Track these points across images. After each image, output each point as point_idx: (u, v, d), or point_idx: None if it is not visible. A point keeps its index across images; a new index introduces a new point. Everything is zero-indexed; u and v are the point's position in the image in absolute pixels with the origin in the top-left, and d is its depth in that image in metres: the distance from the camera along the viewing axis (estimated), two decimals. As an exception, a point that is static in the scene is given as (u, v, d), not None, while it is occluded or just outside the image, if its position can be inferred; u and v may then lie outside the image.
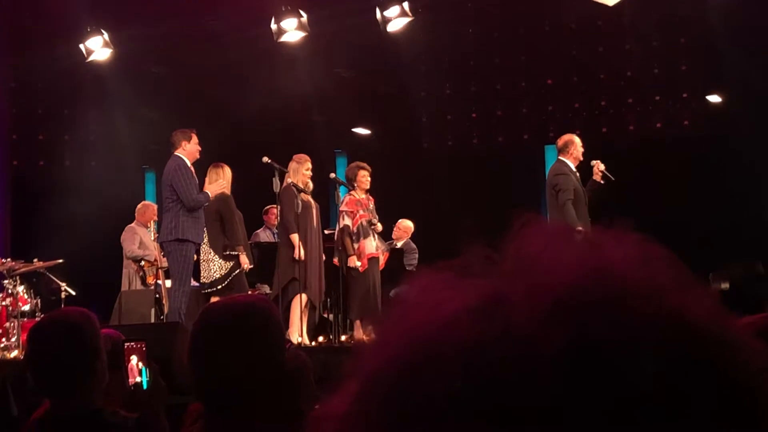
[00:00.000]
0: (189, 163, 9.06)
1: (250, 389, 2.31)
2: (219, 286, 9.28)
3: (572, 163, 9.46)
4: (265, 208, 11.89)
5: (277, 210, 9.86)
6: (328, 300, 10.25)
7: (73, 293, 10.30)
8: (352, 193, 9.96)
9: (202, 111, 13.15)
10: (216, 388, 2.34)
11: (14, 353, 8.88)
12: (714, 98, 13.88)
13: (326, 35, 12.43)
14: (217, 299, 7.87)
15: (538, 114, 14.49)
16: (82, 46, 12.12)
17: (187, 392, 2.51)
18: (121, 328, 5.92)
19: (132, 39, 12.35)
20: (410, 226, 12.65)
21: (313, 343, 9.45)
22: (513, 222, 0.74)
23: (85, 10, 11.90)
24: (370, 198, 10.08)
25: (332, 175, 10.43)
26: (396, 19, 11.90)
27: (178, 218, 8.87)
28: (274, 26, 11.86)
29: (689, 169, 13.12)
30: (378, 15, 11.86)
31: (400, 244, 12.28)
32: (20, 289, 9.57)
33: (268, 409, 2.32)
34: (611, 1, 11.45)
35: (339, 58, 13.59)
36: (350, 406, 0.68)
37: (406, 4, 11.78)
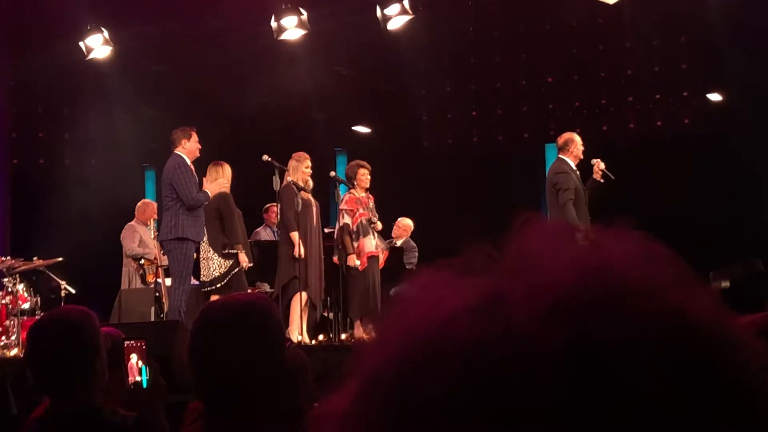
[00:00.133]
0: (189, 162, 9.06)
1: (250, 388, 2.31)
2: (218, 285, 9.28)
3: (572, 162, 9.46)
4: (266, 206, 11.89)
5: (277, 208, 9.86)
6: (328, 298, 10.25)
7: (73, 291, 10.30)
8: (352, 191, 9.96)
9: (202, 109, 13.15)
10: (216, 386, 2.34)
11: (14, 351, 8.88)
12: (714, 96, 13.88)
13: (326, 33, 12.42)
14: (217, 298, 7.88)
15: (539, 112, 14.48)
16: (81, 44, 12.11)
17: (187, 391, 2.50)
18: (121, 327, 5.91)
19: (132, 37, 12.34)
20: (410, 225, 12.65)
21: (313, 342, 9.45)
22: (513, 221, 0.74)
23: (84, 8, 11.90)
24: (370, 196, 10.08)
25: (332, 174, 10.43)
26: (396, 17, 11.89)
27: (178, 217, 8.87)
28: (274, 24, 11.86)
29: (689, 168, 13.12)
30: (378, 13, 11.86)
31: (400, 243, 12.28)
32: (20, 287, 9.57)
33: (267, 408, 2.32)
34: (612, -1, 11.45)
35: (339, 56, 13.58)
36: (350, 406, 0.68)
37: (406, 2, 11.78)
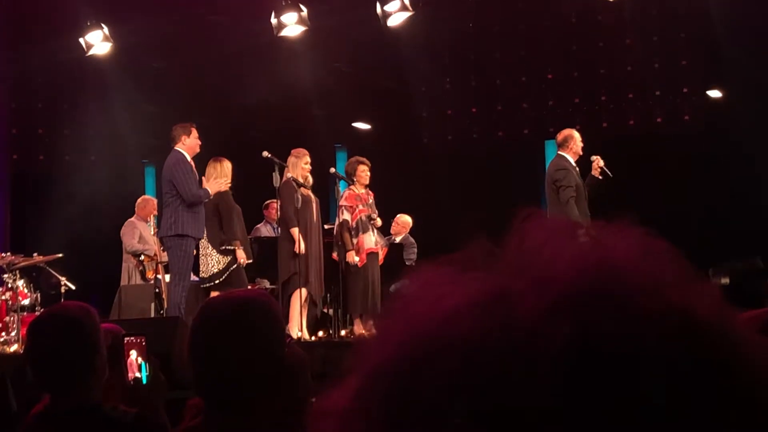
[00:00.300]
0: (189, 158, 9.05)
1: (250, 384, 2.31)
2: (217, 281, 9.28)
3: (572, 158, 9.46)
4: (266, 202, 11.89)
5: (277, 204, 9.86)
6: (328, 295, 10.26)
7: (73, 287, 10.30)
8: (352, 187, 9.96)
9: (202, 105, 13.15)
10: (216, 382, 2.34)
11: (14, 347, 8.88)
12: (714, 93, 13.88)
13: (326, 30, 12.42)
14: (217, 294, 7.88)
15: (539, 109, 14.48)
16: (81, 41, 12.09)
17: (187, 387, 2.50)
18: (121, 323, 5.91)
19: (132, 33, 12.33)
20: (408, 221, 12.64)
21: (313, 338, 9.45)
22: (514, 217, 0.74)
23: (84, 4, 11.89)
24: (370, 193, 10.08)
25: (332, 170, 10.43)
26: (396, 13, 11.89)
27: (178, 213, 8.86)
28: (274, 20, 11.84)
29: (689, 164, 13.11)
30: (378, 9, 11.85)
31: (399, 239, 12.28)
32: (20, 283, 9.57)
33: (267, 404, 2.32)
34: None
35: (339, 52, 13.58)
36: (350, 402, 0.68)
37: (406, -1, 11.78)
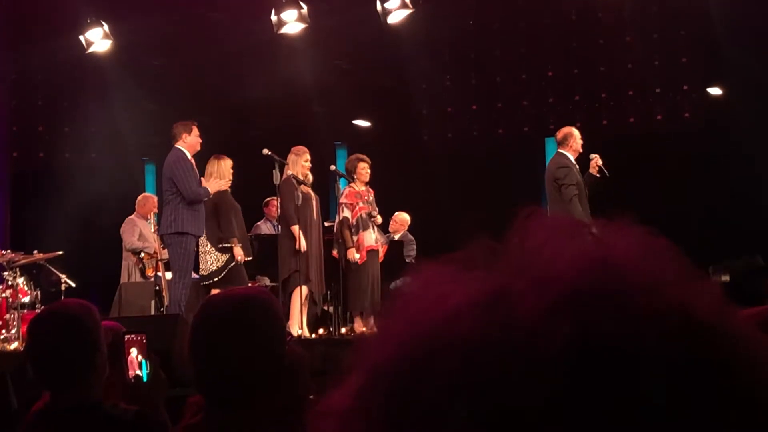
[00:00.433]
0: (189, 156, 9.05)
1: (250, 382, 2.31)
2: (215, 279, 9.29)
3: (572, 156, 9.46)
4: (266, 200, 11.89)
5: (277, 202, 9.86)
6: (328, 292, 10.26)
7: (73, 285, 10.31)
8: (352, 185, 9.96)
9: (202, 103, 13.15)
10: (216, 380, 2.34)
11: (14, 345, 8.88)
12: (715, 90, 13.88)
13: (326, 27, 12.42)
14: (218, 291, 7.88)
15: (539, 106, 14.48)
16: (81, 38, 12.10)
17: (188, 384, 2.51)
18: (121, 320, 5.92)
19: (132, 31, 12.33)
20: (407, 219, 12.65)
21: (313, 336, 9.45)
22: (515, 215, 0.74)
23: (84, 2, 11.89)
24: (370, 190, 10.08)
25: (332, 168, 10.43)
26: (396, 10, 11.88)
27: (178, 211, 8.86)
28: (274, 18, 11.85)
29: (689, 162, 13.12)
30: (378, 7, 11.85)
31: (398, 237, 12.28)
32: (20, 280, 9.57)
33: (267, 402, 2.32)
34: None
35: (339, 50, 13.57)
36: (351, 402, 0.68)
37: (406, -4, 11.78)
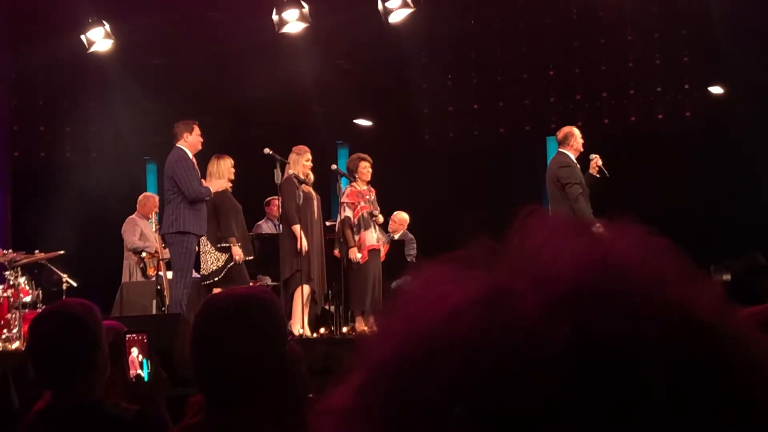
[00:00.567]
0: (191, 155, 9.06)
1: (251, 381, 2.31)
2: (215, 278, 9.29)
3: (573, 155, 9.46)
4: (267, 199, 11.89)
5: (278, 201, 9.86)
6: (330, 292, 10.26)
7: (75, 284, 10.31)
8: (354, 184, 9.95)
9: (204, 102, 13.15)
10: (217, 379, 2.34)
11: (15, 345, 8.89)
12: (716, 89, 13.87)
13: (327, 26, 12.41)
14: (220, 291, 7.87)
15: (540, 105, 14.47)
16: (83, 37, 12.09)
17: (189, 384, 2.51)
18: (123, 320, 5.92)
19: (133, 30, 12.33)
20: (406, 218, 12.64)
21: (315, 335, 9.46)
22: (515, 215, 0.74)
23: (86, 1, 11.89)
24: (372, 189, 10.08)
25: (333, 167, 10.42)
26: (397, 10, 11.87)
27: (180, 210, 8.87)
28: (275, 17, 11.84)
29: (690, 160, 13.12)
30: (379, 6, 11.84)
31: (398, 236, 12.28)
32: (22, 280, 9.57)
33: (268, 401, 2.32)
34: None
35: (340, 49, 13.57)
36: (352, 400, 0.68)
37: (407, -5, 11.77)
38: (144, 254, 10.78)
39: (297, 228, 9.36)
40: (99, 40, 12.07)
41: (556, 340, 0.63)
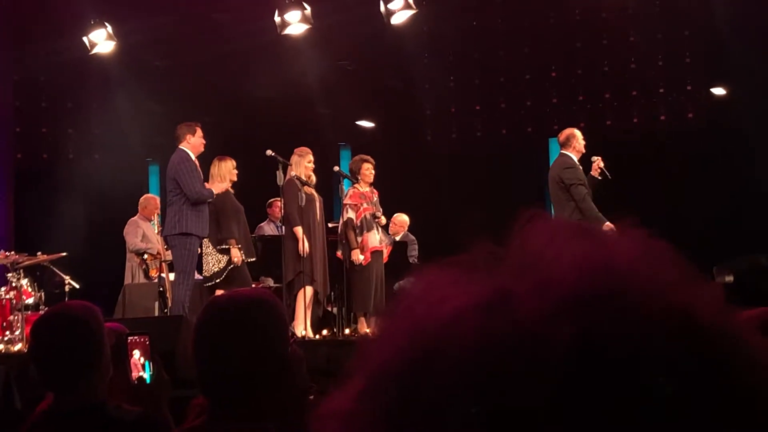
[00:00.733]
0: (193, 157, 9.07)
1: (252, 382, 2.31)
2: (217, 280, 9.28)
3: (575, 156, 9.47)
4: (269, 201, 11.89)
5: (281, 203, 9.87)
6: (332, 293, 10.26)
7: (77, 286, 10.32)
8: (356, 186, 9.96)
9: (206, 104, 13.16)
10: (218, 380, 2.35)
11: (18, 346, 8.89)
12: (718, 90, 13.87)
13: (330, 28, 12.41)
14: (222, 292, 7.87)
15: (542, 107, 14.48)
16: (85, 39, 12.10)
17: (191, 385, 2.51)
18: (125, 322, 5.92)
19: (135, 32, 12.34)
20: (406, 220, 12.64)
21: (317, 337, 9.46)
22: (517, 218, 0.74)
23: (88, 3, 11.89)
24: (374, 191, 10.08)
25: (336, 168, 10.42)
26: (400, 11, 11.87)
27: (182, 212, 8.87)
28: (277, 19, 11.84)
29: (693, 161, 13.11)
30: (382, 7, 11.83)
31: (399, 238, 12.28)
32: (24, 282, 9.58)
33: (269, 402, 2.32)
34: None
35: (343, 50, 13.58)
36: (353, 404, 0.68)
37: (409, -4, 11.76)
38: (146, 256, 10.79)
39: (299, 230, 9.36)
40: (101, 41, 12.07)
41: (559, 342, 0.63)
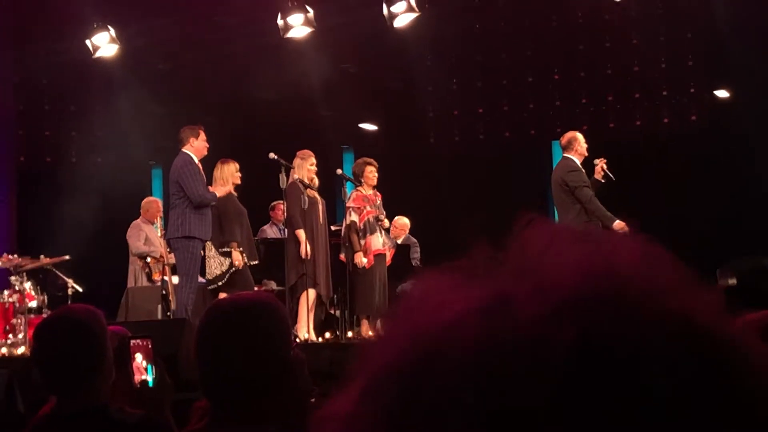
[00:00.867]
0: (196, 160, 9.08)
1: (254, 384, 2.32)
2: (219, 283, 9.29)
3: (578, 160, 9.48)
4: (272, 204, 11.91)
5: (283, 206, 9.88)
6: (335, 296, 10.27)
7: (80, 290, 10.33)
8: (360, 189, 9.97)
9: (209, 107, 13.17)
10: (220, 382, 2.35)
11: (21, 350, 8.90)
12: (721, 93, 13.87)
13: (333, 30, 12.43)
14: (225, 296, 7.89)
15: (545, 109, 14.48)
16: (88, 42, 12.12)
17: (194, 389, 2.52)
18: (128, 325, 5.93)
19: (138, 35, 12.36)
20: (407, 223, 12.63)
21: (320, 339, 9.46)
22: (517, 221, 0.74)
23: (91, 6, 11.91)
24: (378, 194, 10.09)
25: (339, 171, 10.43)
26: (402, 14, 11.87)
27: (185, 215, 8.88)
28: (280, 22, 11.85)
29: (696, 163, 13.11)
30: (384, 10, 11.84)
31: (400, 241, 12.28)
32: (27, 285, 9.58)
33: (272, 405, 2.33)
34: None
35: (345, 53, 13.59)
36: (354, 406, 0.68)
37: (412, 0, 11.77)
38: (149, 259, 10.80)
39: (301, 233, 9.37)
40: (104, 44, 12.09)
41: (559, 344, 0.63)
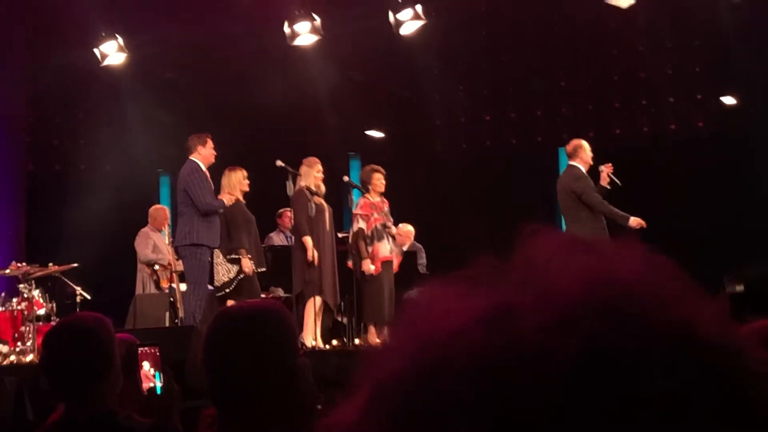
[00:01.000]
0: (204, 168, 9.09)
1: (260, 391, 2.32)
2: (227, 290, 9.28)
3: (584, 168, 9.47)
4: (279, 211, 11.91)
5: (290, 213, 9.88)
6: (342, 303, 10.26)
7: (88, 297, 10.34)
8: (367, 196, 9.96)
9: (216, 115, 13.18)
10: (228, 390, 2.36)
11: (30, 357, 8.91)
12: (728, 99, 13.84)
13: (339, 38, 12.44)
14: (233, 303, 7.89)
15: (552, 116, 14.46)
16: (96, 51, 12.15)
17: (202, 396, 2.52)
18: (136, 332, 5.93)
19: (146, 44, 12.39)
20: (411, 230, 12.59)
21: (327, 347, 9.45)
22: (521, 232, 0.75)
23: (99, 15, 11.94)
24: (385, 201, 10.08)
25: (345, 179, 10.43)
26: (409, 22, 11.89)
27: (193, 223, 8.89)
28: (287, 30, 11.87)
29: (703, 170, 13.07)
30: (391, 18, 11.86)
31: (406, 248, 12.25)
32: (36, 293, 9.60)
33: (278, 412, 2.33)
34: (625, 3, 11.43)
35: (352, 61, 13.60)
36: (358, 416, 0.68)
37: (419, 7, 11.77)
38: (157, 266, 10.81)
39: (308, 240, 9.37)
40: (112, 53, 12.12)
41: (563, 353, 0.64)
